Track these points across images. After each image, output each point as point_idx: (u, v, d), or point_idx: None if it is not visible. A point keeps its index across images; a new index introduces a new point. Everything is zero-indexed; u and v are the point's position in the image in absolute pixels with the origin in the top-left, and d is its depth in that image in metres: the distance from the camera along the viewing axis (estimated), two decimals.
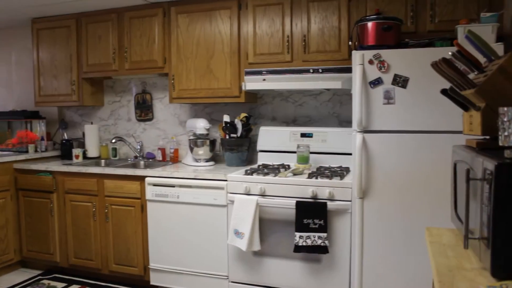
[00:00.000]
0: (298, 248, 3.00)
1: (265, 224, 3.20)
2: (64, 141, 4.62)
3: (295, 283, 3.17)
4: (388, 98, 2.81)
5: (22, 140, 4.62)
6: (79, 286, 3.94)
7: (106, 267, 3.95)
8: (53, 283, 4.02)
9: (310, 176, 3.14)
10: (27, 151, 4.55)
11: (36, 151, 4.61)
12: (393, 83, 2.79)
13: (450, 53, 1.75)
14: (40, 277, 4.19)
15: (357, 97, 2.84)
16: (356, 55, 2.85)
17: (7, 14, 4.45)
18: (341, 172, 3.20)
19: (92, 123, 4.75)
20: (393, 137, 2.82)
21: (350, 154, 3.46)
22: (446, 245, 1.70)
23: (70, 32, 4.39)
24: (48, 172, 4.13)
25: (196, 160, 3.92)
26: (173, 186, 3.53)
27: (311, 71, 3.34)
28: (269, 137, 3.77)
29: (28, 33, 4.95)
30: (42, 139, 4.70)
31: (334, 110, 3.77)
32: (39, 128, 4.73)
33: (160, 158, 4.33)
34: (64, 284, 3.98)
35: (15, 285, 3.99)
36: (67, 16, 4.41)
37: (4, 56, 5.31)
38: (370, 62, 2.82)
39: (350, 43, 3.26)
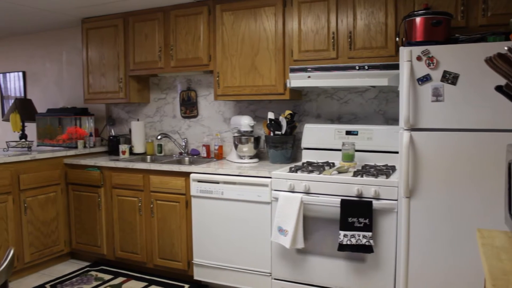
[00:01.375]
0: (342, 247, 2.97)
1: (309, 222, 3.19)
2: (111, 137, 4.74)
3: (339, 282, 3.14)
4: (437, 95, 2.74)
5: (72, 136, 4.77)
6: (125, 278, 4.03)
7: (151, 260, 4.03)
8: (100, 274, 4.13)
9: (355, 174, 3.11)
10: (76, 147, 4.69)
11: (84, 146, 4.75)
12: (442, 80, 2.72)
13: (506, 48, 1.69)
14: (88, 268, 4.31)
15: (404, 94, 2.78)
16: (404, 52, 2.79)
17: (59, 15, 4.59)
18: (387, 171, 3.15)
19: (138, 120, 4.85)
20: (441, 136, 2.75)
21: (396, 152, 3.41)
22: (499, 247, 1.65)
23: (118, 31, 4.49)
24: (96, 167, 4.25)
25: (240, 157, 3.94)
26: (217, 182, 3.57)
27: (357, 68, 3.29)
28: (314, 134, 3.75)
29: (78, 33, 5.10)
30: (91, 135, 4.84)
31: (380, 108, 3.71)
32: (88, 125, 4.87)
33: (205, 155, 4.38)
34: (110, 276, 4.08)
35: (65, 275, 4.13)
36: (114, 15, 4.51)
37: (55, 56, 5.49)
38: (418, 58, 2.76)
39: (397, 39, 3.20)
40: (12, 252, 1.51)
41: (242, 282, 3.55)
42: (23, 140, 4.78)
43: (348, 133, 3.62)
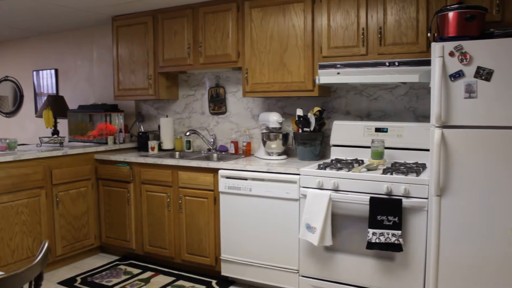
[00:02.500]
0: (371, 245, 2.94)
1: (337, 219, 3.17)
2: (140, 133, 4.80)
3: (367, 280, 3.11)
4: (470, 91, 2.68)
5: (102, 132, 4.84)
6: (153, 273, 4.08)
7: (179, 256, 4.07)
8: (129, 268, 4.19)
9: (385, 172, 3.07)
10: (106, 143, 4.77)
11: (114, 142, 4.82)
12: (475, 76, 2.66)
13: None
14: (117, 262, 4.38)
15: (436, 90, 2.73)
16: (436, 47, 2.74)
17: (90, 13, 4.67)
18: (417, 169, 3.10)
19: (167, 116, 4.89)
20: (474, 133, 2.69)
21: (427, 150, 3.34)
22: None
23: (147, 29, 4.54)
24: (125, 163, 4.30)
25: (269, 154, 3.94)
26: (245, 179, 3.57)
27: (387, 64, 3.25)
28: (343, 131, 3.72)
29: (108, 31, 5.17)
30: (120, 131, 4.91)
31: (410, 105, 3.66)
32: (118, 121, 4.93)
33: (233, 151, 4.39)
34: (139, 270, 4.14)
35: (95, 269, 4.20)
36: (144, 13, 4.56)
37: (86, 53, 5.59)
38: (451, 54, 2.71)
39: (429, 34, 3.14)
40: (46, 244, 1.55)
41: (269, 278, 3.56)
42: (55, 136, 4.88)
43: (378, 130, 3.58)
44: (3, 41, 6.55)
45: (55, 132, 5.04)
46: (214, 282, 3.86)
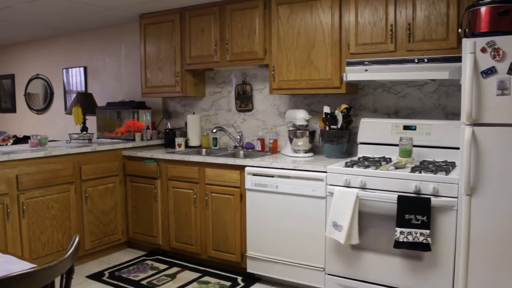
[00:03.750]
0: (398, 244, 2.91)
1: (364, 217, 3.14)
2: (167, 130, 4.84)
3: (394, 279, 3.08)
4: (503, 88, 2.62)
5: (130, 129, 4.90)
6: (179, 268, 4.11)
7: (205, 252, 4.09)
8: (155, 264, 4.24)
9: (413, 170, 3.03)
10: (134, 139, 4.82)
11: (142, 139, 4.87)
12: (509, 73, 2.60)
13: None
14: (144, 257, 4.43)
15: (467, 88, 2.68)
16: (467, 43, 2.68)
17: (118, 11, 4.73)
18: (447, 167, 3.05)
19: (194, 113, 4.93)
20: (506, 131, 2.62)
21: (457, 148, 3.30)
22: None
23: (175, 26, 4.57)
24: (153, 159, 4.35)
25: (295, 151, 3.93)
26: (272, 176, 3.57)
27: (416, 61, 3.20)
28: (370, 129, 3.69)
29: (136, 29, 5.23)
30: (148, 128, 4.96)
31: (440, 102, 3.60)
32: (145, 118, 4.99)
33: (259, 148, 4.39)
34: (165, 266, 4.18)
35: (123, 263, 4.26)
36: (171, 10, 4.59)
37: (114, 51, 5.66)
38: (483, 50, 2.65)
39: (459, 30, 3.08)
40: (77, 239, 1.57)
41: (295, 276, 3.55)
42: (84, 132, 4.96)
43: (406, 128, 3.54)
44: (35, 40, 6.68)
45: (84, 128, 5.13)
46: (239, 278, 3.87)
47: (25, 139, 6.08)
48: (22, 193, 3.72)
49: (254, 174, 3.67)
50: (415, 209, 2.87)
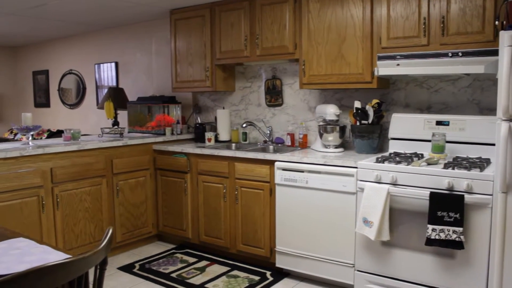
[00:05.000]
0: (430, 241, 2.86)
1: (395, 214, 3.10)
2: (197, 125, 4.87)
3: (425, 277, 3.03)
4: None
5: (160, 123, 4.95)
6: (208, 262, 4.14)
7: (234, 246, 4.11)
8: (185, 257, 4.28)
9: (446, 166, 2.97)
10: (164, 134, 4.87)
11: (172, 133, 4.91)
12: None
13: None
14: (173, 250, 4.48)
15: (504, 82, 2.61)
16: (505, 36, 2.60)
17: (149, 7, 4.78)
18: (481, 164, 2.98)
19: (224, 108, 4.94)
20: None
21: (492, 144, 3.22)
22: None
23: (205, 21, 4.59)
24: (183, 153, 4.38)
25: (325, 146, 3.90)
26: (302, 171, 3.56)
27: (450, 55, 3.13)
28: (402, 124, 3.63)
29: (166, 24, 5.26)
30: (178, 122, 5.00)
31: (474, 97, 3.52)
32: (175, 112, 5.03)
33: (289, 143, 4.38)
34: (195, 259, 4.21)
35: (153, 256, 4.32)
36: (201, 6, 4.61)
37: (145, 46, 5.72)
38: None
39: (496, 23, 3.00)
40: (110, 231, 1.60)
41: (324, 272, 3.54)
42: (116, 126, 5.03)
43: (439, 123, 3.47)
44: (68, 36, 6.81)
45: (116, 123, 5.21)
46: (268, 273, 3.88)
47: (58, 133, 6.23)
48: (56, 185, 3.81)
49: (284, 169, 3.66)
50: (447, 206, 2.82)
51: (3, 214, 3.46)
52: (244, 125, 4.52)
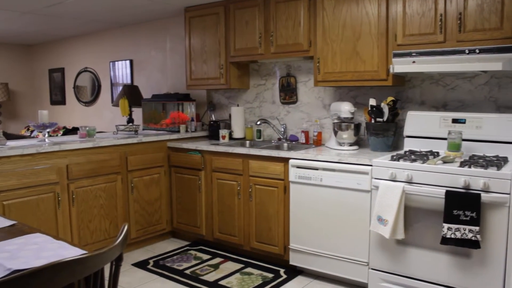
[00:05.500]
0: (445, 240, 2.84)
1: (410, 212, 3.08)
2: (211, 122, 4.88)
3: (441, 276, 3.01)
4: None
5: (175, 121, 4.97)
6: (222, 259, 4.15)
7: (248, 243, 4.11)
8: (199, 254, 4.29)
9: (462, 164, 2.94)
10: (178, 131, 4.89)
11: (186, 131, 4.93)
12: None
13: None
14: (187, 247, 4.50)
15: None
16: None
17: (163, 4, 4.79)
18: (498, 162, 2.94)
19: (238, 105, 4.95)
20: None
21: (509, 142, 3.19)
22: None
23: (219, 19, 4.59)
24: (197, 151, 4.40)
25: (340, 144, 3.89)
26: (316, 169, 3.55)
27: (467, 51, 3.10)
28: (417, 122, 3.60)
29: (181, 22, 5.28)
30: (192, 120, 5.01)
31: (491, 94, 3.48)
32: (190, 110, 5.04)
33: (303, 141, 4.37)
34: (209, 256, 4.23)
35: (167, 253, 4.34)
36: (216, 3, 4.61)
37: (160, 44, 5.74)
38: None
39: None
40: (126, 227, 1.61)
41: (338, 270, 3.53)
42: (131, 124, 5.07)
43: (455, 121, 3.44)
44: (84, 34, 6.86)
45: (130, 120, 5.24)
46: (282, 271, 3.88)
47: (73, 130, 6.28)
48: (71, 182, 3.84)
49: (298, 167, 3.65)
50: (464, 205, 2.79)
51: (21, 210, 3.50)
52: (258, 123, 4.52)
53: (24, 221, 3.47)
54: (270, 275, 3.79)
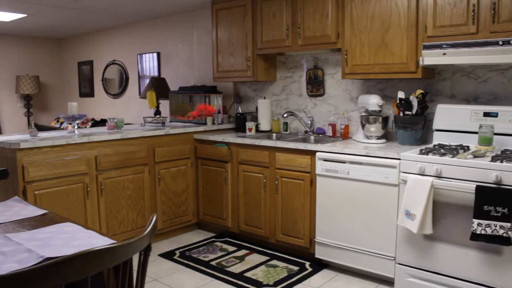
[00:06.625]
0: (475, 236, 2.78)
1: (438, 207, 3.03)
2: (238, 115, 4.89)
3: (469, 273, 2.95)
4: None
5: (201, 113, 4.99)
6: (248, 251, 4.17)
7: (273, 236, 4.12)
8: (224, 245, 4.32)
9: (494, 159, 2.87)
10: (205, 123, 4.91)
11: (213, 123, 4.95)
12: None
13: None
14: (213, 239, 4.53)
15: None
16: None
17: None
18: None
19: (265, 98, 4.94)
20: None
21: None
22: None
23: (246, 11, 4.58)
24: (224, 143, 4.41)
25: (367, 137, 3.85)
26: (343, 162, 3.52)
27: (500, 43, 3.01)
28: (447, 115, 3.53)
29: (208, 14, 5.29)
30: (219, 112, 5.02)
31: None
32: (216, 102, 5.05)
33: (330, 134, 4.34)
34: (234, 248, 4.25)
35: (193, 244, 4.38)
36: None
37: (187, 37, 5.77)
38: None
39: None
40: (155, 218, 1.62)
41: (364, 264, 3.50)
42: (158, 116, 5.10)
43: (486, 114, 3.36)
44: (111, 27, 6.94)
45: (158, 112, 5.28)
46: (307, 264, 3.87)
47: (102, 122, 6.37)
48: (100, 173, 3.90)
49: (325, 160, 3.63)
50: (495, 201, 2.73)
51: (51, 199, 3.58)
52: (285, 115, 4.50)
53: (54, 210, 3.55)
54: (296, 268, 3.78)
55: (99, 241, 1.75)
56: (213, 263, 3.90)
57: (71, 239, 1.76)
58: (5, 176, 2.69)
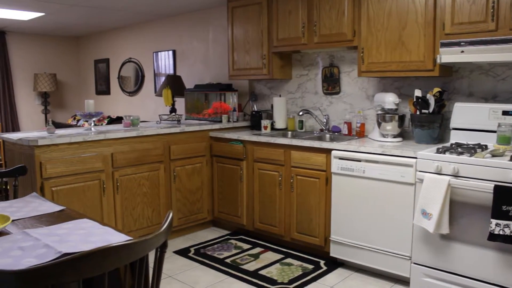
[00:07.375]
0: (493, 237, 2.75)
1: (455, 206, 3.00)
2: (253, 113, 4.88)
3: (487, 274, 2.91)
4: None
5: (217, 111, 5.00)
6: (262, 249, 4.17)
7: (288, 234, 4.11)
8: (239, 243, 4.32)
9: None
10: (220, 121, 4.91)
11: (228, 121, 4.95)
12: None
13: None
14: (228, 236, 4.54)
15: None
16: None
17: None
18: None
19: (280, 96, 4.93)
20: None
21: None
22: None
23: (262, 9, 4.57)
24: (239, 141, 4.41)
25: (383, 136, 3.82)
26: (359, 160, 3.50)
27: None
28: (465, 114, 3.49)
29: (223, 12, 5.29)
30: (234, 110, 5.03)
31: None
32: (232, 100, 5.06)
33: (346, 132, 4.32)
34: (249, 246, 4.25)
35: (208, 241, 4.40)
36: None
37: (202, 35, 5.78)
38: None
39: None
40: (171, 215, 1.62)
41: (379, 263, 3.48)
42: (173, 113, 5.12)
43: (505, 113, 3.31)
44: (127, 25, 6.98)
45: (173, 110, 5.30)
46: (322, 262, 3.86)
47: (118, 120, 6.42)
48: (116, 170, 3.93)
49: (341, 158, 3.61)
50: None
51: (68, 196, 3.62)
52: (300, 113, 4.49)
53: (71, 207, 3.59)
54: (310, 266, 3.78)
55: (116, 238, 1.76)
56: (228, 260, 3.91)
57: (88, 235, 1.78)
58: (23, 173, 2.73)
